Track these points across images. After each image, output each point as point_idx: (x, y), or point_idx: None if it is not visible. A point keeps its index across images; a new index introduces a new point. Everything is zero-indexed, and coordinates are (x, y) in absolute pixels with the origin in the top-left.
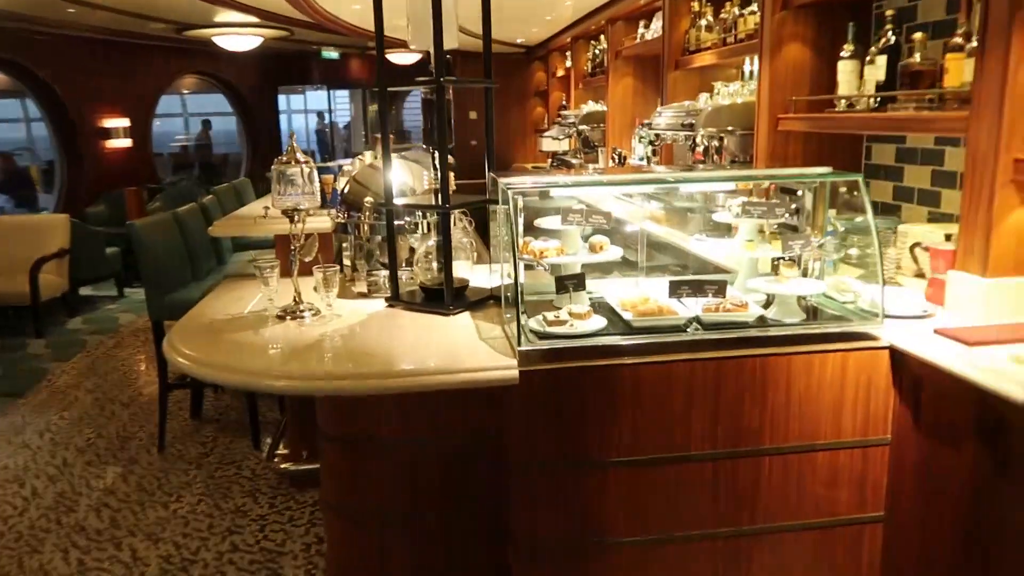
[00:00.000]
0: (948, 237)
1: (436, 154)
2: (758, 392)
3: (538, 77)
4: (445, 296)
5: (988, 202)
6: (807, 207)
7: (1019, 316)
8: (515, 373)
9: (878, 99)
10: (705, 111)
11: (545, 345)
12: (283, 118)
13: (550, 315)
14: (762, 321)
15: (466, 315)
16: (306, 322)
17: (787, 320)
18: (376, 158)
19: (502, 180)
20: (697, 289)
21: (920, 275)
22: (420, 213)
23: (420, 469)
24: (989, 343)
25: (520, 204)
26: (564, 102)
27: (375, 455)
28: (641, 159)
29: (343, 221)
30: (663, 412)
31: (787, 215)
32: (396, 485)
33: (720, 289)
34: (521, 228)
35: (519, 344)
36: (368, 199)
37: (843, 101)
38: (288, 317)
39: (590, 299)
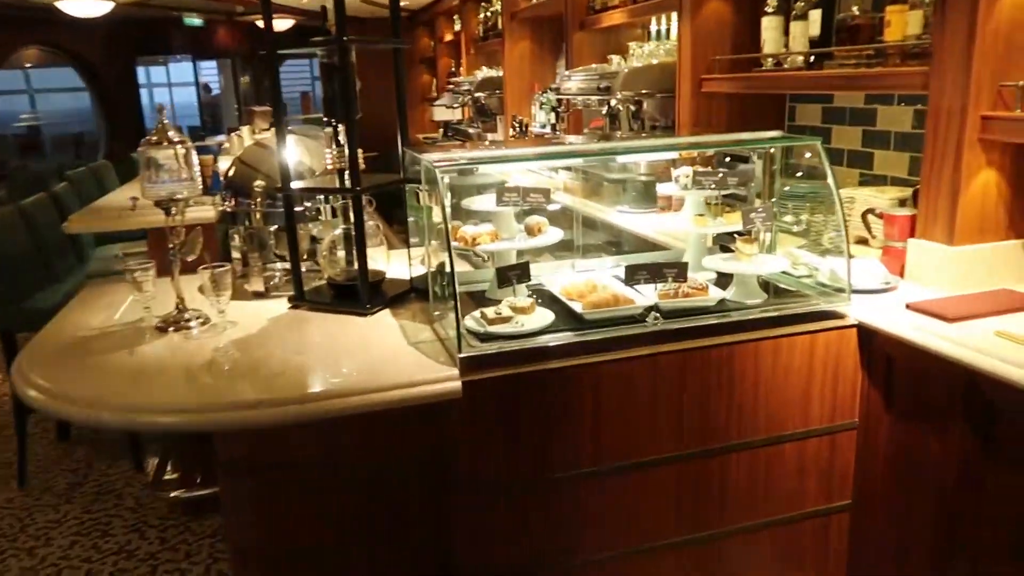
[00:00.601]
0: (903, 202)
1: (340, 127)
2: (724, 384)
3: (423, 43)
4: (360, 293)
5: (954, 164)
6: (757, 175)
7: (987, 285)
8: (457, 385)
9: (811, 57)
10: (622, 73)
11: (489, 349)
12: (144, 92)
13: (489, 311)
14: (724, 305)
15: (386, 313)
16: (194, 333)
17: (749, 302)
18: (256, 134)
19: (425, 156)
20: (656, 274)
21: (862, 241)
22: (323, 197)
23: (341, 498)
24: (970, 317)
25: (446, 183)
26: (454, 68)
27: (286, 484)
28: (543, 127)
29: (231, 210)
30: (626, 415)
31: (735, 183)
32: (312, 518)
33: (681, 272)
34: (449, 211)
35: (460, 350)
36: (259, 183)
37: (770, 60)
38: (171, 328)
39: (528, 288)
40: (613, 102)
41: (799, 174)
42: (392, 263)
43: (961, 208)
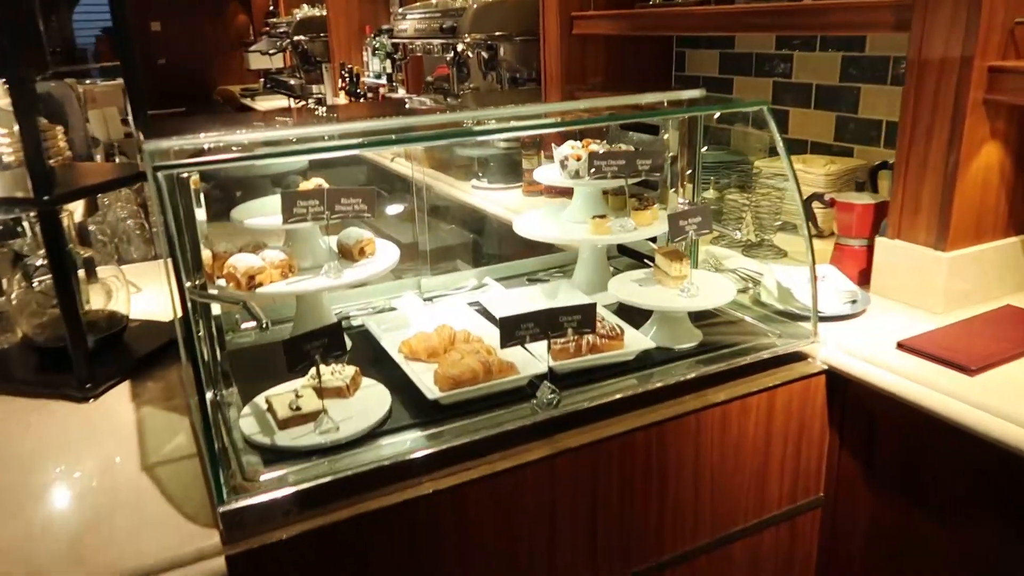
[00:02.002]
0: (861, 186)
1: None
2: (654, 479)
3: None
4: (75, 362)
5: (949, 137)
6: (671, 150)
7: (984, 301)
8: (217, 566)
9: None
10: (470, 9)
11: (276, 487)
12: None
13: (281, 399)
14: (648, 357)
15: (123, 393)
16: None
17: (680, 347)
18: None
19: (149, 145)
20: (550, 326)
21: (785, 228)
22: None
23: None
24: (993, 364)
25: (196, 183)
26: (272, 7)
27: None
28: (379, 77)
29: None
30: (513, 549)
31: (647, 168)
32: None
33: (586, 319)
34: (200, 234)
35: (220, 499)
36: None
37: None
38: None
39: (348, 333)
40: (460, 47)
41: (706, 148)
42: (146, 296)
43: (958, 199)
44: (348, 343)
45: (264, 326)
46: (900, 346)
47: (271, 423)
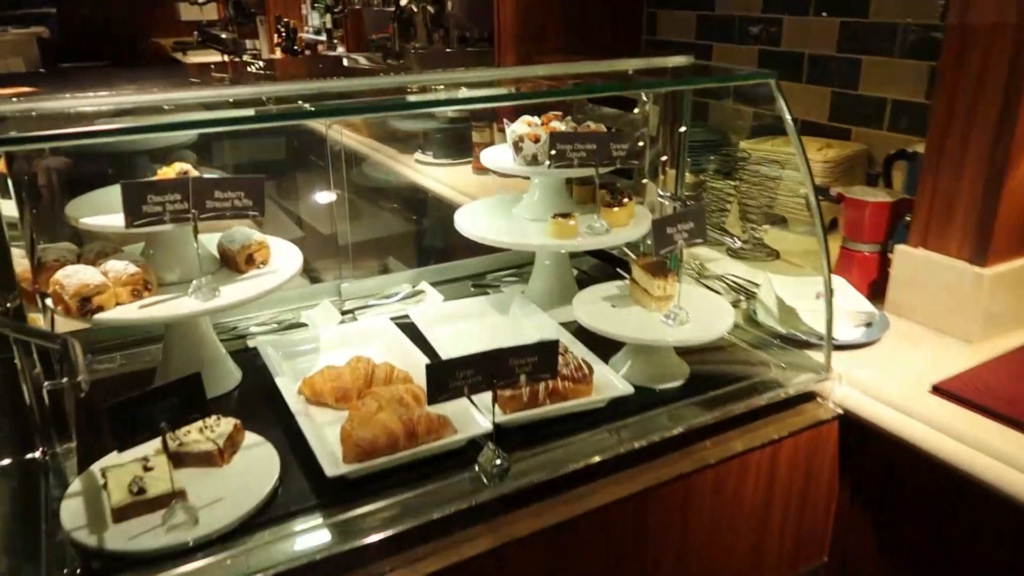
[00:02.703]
0: (875, 178)
1: None
2: (630, 562)
3: None
4: None
5: (1001, 118)
6: (650, 130)
7: (1020, 326)
8: None
9: None
10: None
11: None
12: None
13: (125, 469)
14: (624, 404)
15: None
16: None
17: (663, 386)
18: None
19: None
20: (496, 372)
21: (775, 223)
22: None
23: None
24: None
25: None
26: None
27: None
28: (318, 33)
29: None
30: None
31: (623, 154)
32: None
33: (544, 362)
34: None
35: None
36: None
37: None
38: None
39: (237, 359)
40: (403, 1)
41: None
42: None
43: (1006, 200)
44: (236, 374)
45: (80, 387)
46: (936, 390)
47: (106, 508)
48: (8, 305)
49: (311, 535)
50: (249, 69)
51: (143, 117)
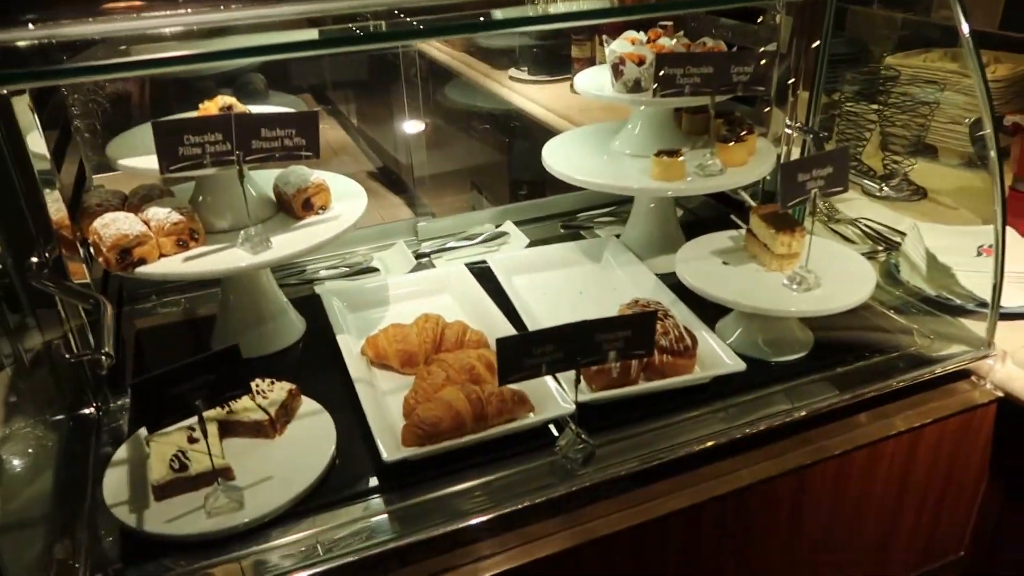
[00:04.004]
0: None
1: None
2: (729, 564)
3: None
4: None
5: None
6: (780, 45)
7: None
8: None
9: None
10: None
11: None
12: None
13: (170, 439)
14: (730, 384)
15: None
16: None
17: (779, 359)
18: None
19: None
20: (580, 349)
21: (923, 154)
22: None
23: None
24: None
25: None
26: None
27: None
28: None
29: None
30: None
31: (745, 78)
32: None
33: (640, 338)
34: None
35: None
36: None
37: None
38: None
39: (299, 308)
40: None
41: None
42: None
43: None
44: (300, 325)
45: (100, 363)
46: None
47: (149, 486)
48: (47, 256)
49: (361, 526)
50: None
51: (224, 39)
